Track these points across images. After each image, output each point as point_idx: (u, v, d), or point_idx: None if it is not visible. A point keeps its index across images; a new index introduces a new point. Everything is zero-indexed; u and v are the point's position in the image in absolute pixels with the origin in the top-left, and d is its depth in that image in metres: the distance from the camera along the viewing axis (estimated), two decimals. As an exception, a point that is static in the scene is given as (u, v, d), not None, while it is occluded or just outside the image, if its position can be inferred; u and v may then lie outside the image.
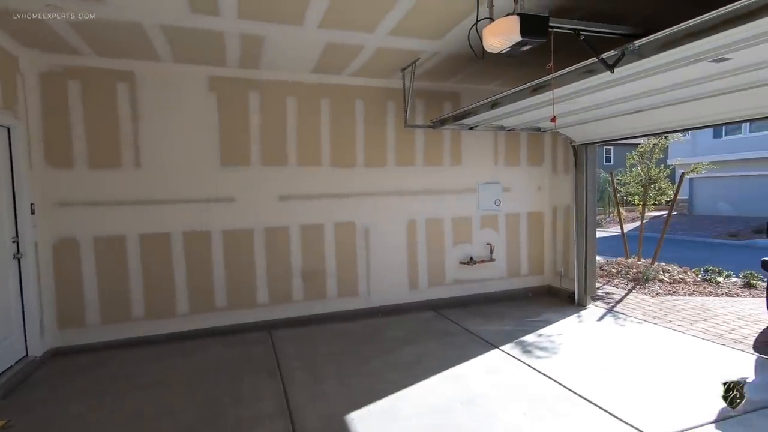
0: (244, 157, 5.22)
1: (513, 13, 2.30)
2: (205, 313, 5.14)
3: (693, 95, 3.84)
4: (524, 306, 6.24)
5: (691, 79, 3.33)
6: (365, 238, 5.83)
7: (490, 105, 4.17)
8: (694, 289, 7.29)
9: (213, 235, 5.14)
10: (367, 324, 5.52)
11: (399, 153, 5.94)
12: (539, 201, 6.84)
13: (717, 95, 3.76)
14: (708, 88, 3.59)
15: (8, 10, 3.40)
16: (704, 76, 3.24)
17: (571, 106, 4.39)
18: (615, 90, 3.64)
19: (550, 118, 3.80)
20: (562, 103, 4.19)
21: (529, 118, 4.98)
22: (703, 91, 3.69)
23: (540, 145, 6.79)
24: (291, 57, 4.75)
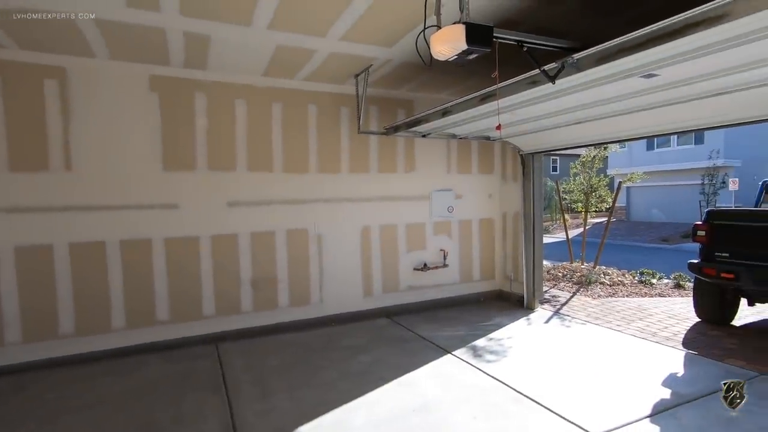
0: (189, 161, 4.97)
1: (459, 22, 2.34)
2: (144, 328, 4.80)
3: (628, 108, 4.10)
4: (477, 310, 6.36)
5: (624, 93, 3.56)
6: (318, 245, 5.72)
7: (441, 113, 4.23)
8: (631, 290, 7.76)
9: (154, 243, 4.83)
10: (320, 333, 5.40)
11: (353, 159, 5.90)
12: (490, 208, 7.03)
13: (649, 109, 4.04)
14: (641, 102, 3.85)
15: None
16: (636, 90, 3.47)
17: (517, 117, 4.56)
18: (557, 101, 3.81)
19: (495, 126, 3.92)
20: (508, 113, 4.34)
21: (478, 126, 5.12)
22: (637, 104, 3.96)
23: (490, 153, 7.00)
24: (240, 59, 4.59)
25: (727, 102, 3.66)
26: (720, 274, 4.76)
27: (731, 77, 3.07)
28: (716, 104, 3.70)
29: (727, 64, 2.84)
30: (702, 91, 3.43)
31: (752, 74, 3.00)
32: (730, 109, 3.85)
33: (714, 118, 4.05)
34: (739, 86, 3.30)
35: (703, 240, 5.07)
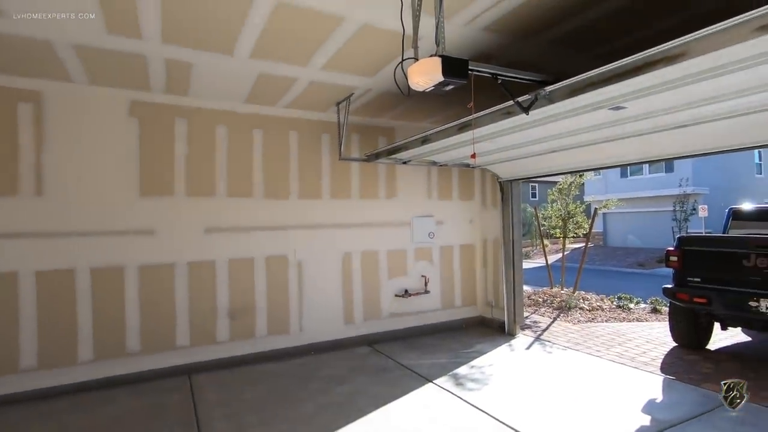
0: (166, 186, 4.90)
1: (436, 54, 2.43)
2: (113, 359, 4.59)
3: (599, 139, 4.27)
4: (458, 337, 6.31)
5: (595, 124, 3.71)
6: (298, 271, 5.64)
7: (420, 141, 4.31)
8: (610, 315, 7.85)
9: (127, 270, 4.68)
10: (299, 363, 5.24)
11: (334, 186, 5.91)
12: (471, 234, 7.10)
13: (618, 139, 4.21)
14: (611, 132, 4.01)
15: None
16: (606, 122, 3.62)
17: (496, 145, 4.68)
18: (532, 131, 3.94)
19: (470, 155, 4.01)
20: (486, 142, 4.46)
21: (458, 154, 5.23)
22: (607, 135, 4.12)
23: (470, 180, 7.13)
24: (222, 86, 4.63)
25: (688, 134, 3.85)
26: (693, 299, 4.88)
27: (689, 111, 3.24)
28: (679, 136, 3.89)
29: (686, 100, 3.00)
30: (665, 123, 3.61)
31: (707, 110, 3.18)
32: (691, 141, 4.04)
33: (675, 149, 4.25)
34: (697, 120, 3.49)
35: (675, 265, 5.21)
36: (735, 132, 3.76)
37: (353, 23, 3.26)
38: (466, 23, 3.23)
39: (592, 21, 3.33)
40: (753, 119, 3.40)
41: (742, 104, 3.13)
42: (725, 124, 3.56)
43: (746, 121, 3.46)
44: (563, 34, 3.50)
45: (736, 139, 3.80)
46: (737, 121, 3.48)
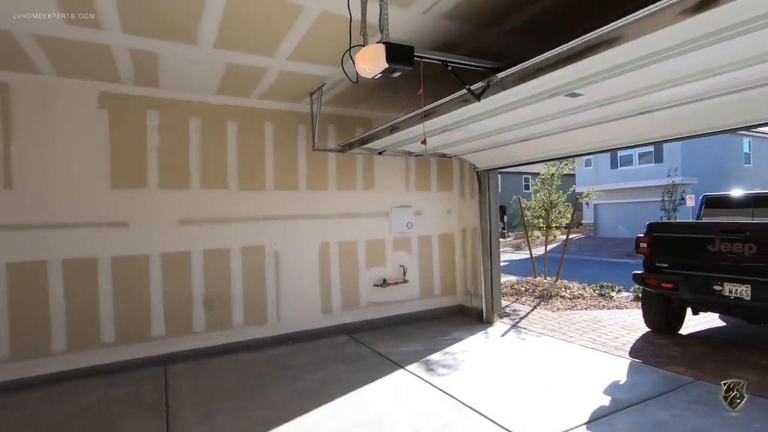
0: (139, 179, 4.90)
1: (380, 41, 2.45)
2: (87, 350, 4.62)
3: (565, 126, 4.32)
4: (436, 326, 6.39)
5: (556, 112, 3.75)
6: (275, 262, 5.68)
7: (389, 129, 4.35)
8: (591, 303, 7.96)
9: (101, 262, 4.70)
10: (276, 352, 5.30)
11: (311, 177, 5.94)
12: (450, 224, 7.16)
13: (584, 127, 4.26)
14: (576, 120, 4.06)
15: None
16: (566, 109, 3.66)
17: (464, 134, 4.73)
18: (495, 120, 3.98)
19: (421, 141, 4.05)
20: (454, 131, 4.50)
21: (429, 143, 5.26)
22: (573, 123, 4.17)
23: (449, 171, 7.17)
24: (192, 77, 4.62)
25: (653, 120, 3.90)
26: (661, 284, 4.97)
27: (647, 97, 3.29)
28: (643, 122, 3.94)
29: (641, 84, 3.05)
30: (626, 109, 3.65)
31: (665, 94, 3.23)
32: (657, 127, 4.10)
33: (642, 135, 4.31)
34: (659, 106, 3.54)
35: (645, 252, 5.29)
36: (699, 116, 3.81)
37: (312, 12, 3.27)
38: (424, 11, 3.25)
39: (551, 8, 3.35)
40: (715, 103, 3.45)
41: (698, 88, 3.18)
42: (688, 108, 3.61)
43: (709, 105, 3.51)
44: (522, 23, 3.53)
45: (700, 123, 3.85)
46: (699, 106, 3.53)
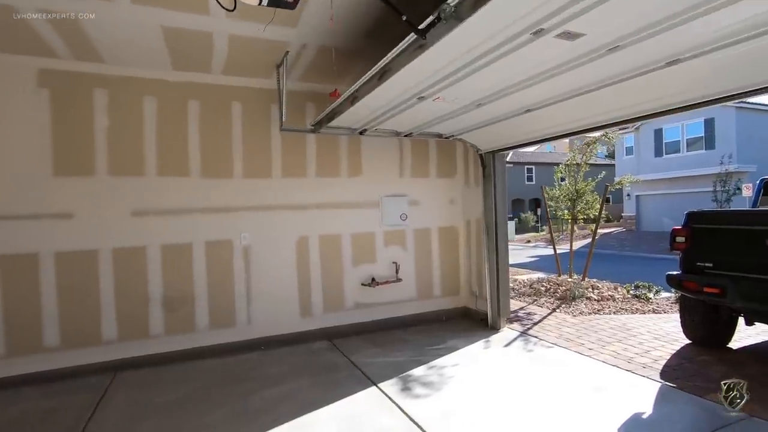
0: (86, 165, 4.41)
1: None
2: (28, 355, 4.19)
3: (575, 88, 3.40)
4: (433, 331, 5.59)
5: (552, 67, 2.87)
6: (245, 258, 5.07)
7: (350, 100, 3.60)
8: (622, 306, 6.88)
9: (42, 257, 4.25)
10: (242, 359, 4.70)
11: (286, 163, 5.28)
12: (452, 215, 6.31)
13: (601, 88, 3.33)
14: (585, 77, 3.15)
15: None
16: (565, 61, 2.78)
17: (451, 106, 3.89)
18: (480, 80, 3.13)
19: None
20: (444, 104, 3.68)
21: (416, 119, 4.46)
22: (583, 82, 3.26)
23: (451, 154, 6.32)
24: (134, 48, 4.05)
25: (682, 73, 2.93)
26: (703, 289, 3.94)
27: (670, 36, 2.36)
28: (671, 78, 2.98)
29: (656, 15, 2.14)
30: (645, 59, 2.72)
31: (693, 30, 2.29)
32: (689, 84, 3.11)
33: (670, 98, 3.32)
34: (686, 52, 2.59)
35: (683, 247, 4.26)
36: (743, 66, 2.83)
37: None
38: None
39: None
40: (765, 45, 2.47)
41: (741, 18, 2.24)
42: (729, 55, 2.65)
43: (757, 49, 2.54)
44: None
45: (746, 76, 2.85)
46: (744, 51, 2.57)
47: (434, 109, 4.06)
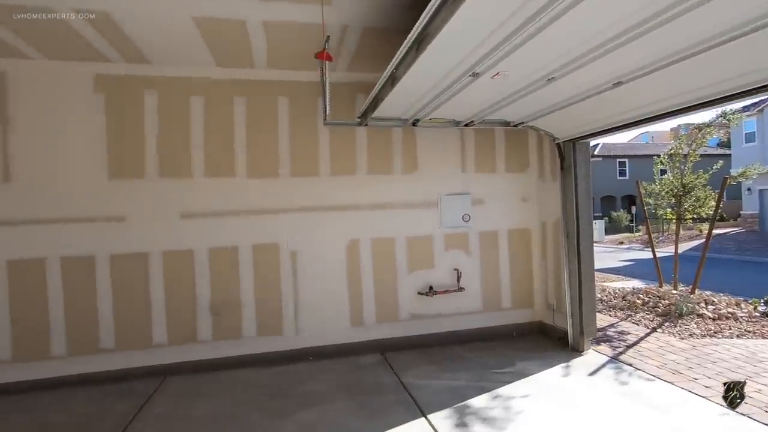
0: (137, 168, 4.42)
1: None
2: (86, 356, 4.28)
3: (682, 49, 2.53)
4: (500, 349, 4.84)
5: (664, 8, 2.07)
6: (293, 262, 4.78)
7: (390, 81, 3.07)
8: (747, 328, 5.51)
9: (98, 260, 4.32)
10: (285, 371, 4.41)
11: (335, 160, 4.90)
12: (524, 215, 5.48)
13: (713, 47, 2.43)
14: (692, 36, 2.29)
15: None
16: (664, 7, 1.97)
17: (517, 83, 3.18)
18: (554, 43, 2.42)
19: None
20: (506, 81, 3.01)
21: (468, 103, 3.79)
22: (690, 40, 2.39)
23: (522, 145, 5.49)
24: (171, 44, 3.92)
25: None
26: None
27: None
28: None
29: None
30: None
31: None
32: None
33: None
34: None
35: None
36: None
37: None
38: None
39: None
40: None
41: None
42: None
43: None
44: None
45: None
46: None
47: (494, 90, 3.38)
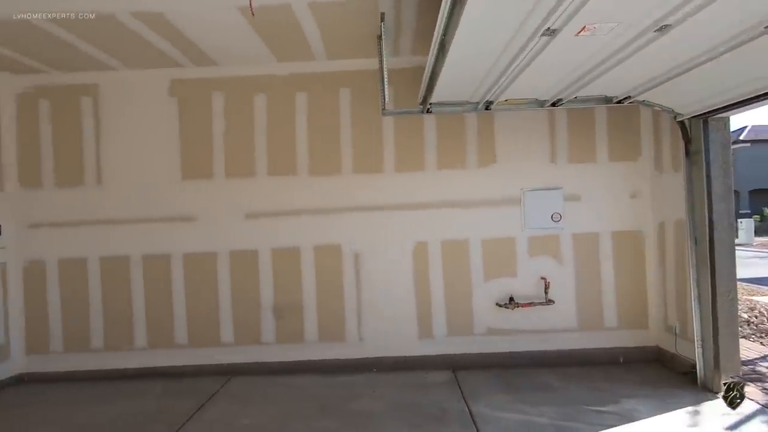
0: (206, 168, 4.50)
1: None
2: (163, 350, 4.48)
3: None
4: (600, 380, 3.94)
5: None
6: (355, 265, 4.48)
7: (440, 49, 2.52)
8: None
9: (173, 259, 4.49)
10: (344, 382, 4.10)
11: (401, 154, 4.47)
12: (635, 214, 4.44)
13: None
14: None
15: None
16: None
17: (617, 40, 2.40)
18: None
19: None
20: (596, 39, 2.28)
21: (549, 73, 3.04)
22: None
23: (631, 126, 4.45)
24: (227, 40, 3.85)
25: None
26: None
27: None
28: None
29: None
30: None
31: None
32: None
33: None
34: None
35: None
36: None
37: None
38: None
39: None
40: None
41: None
42: None
43: None
44: None
45: None
46: None
47: (582, 52, 2.62)
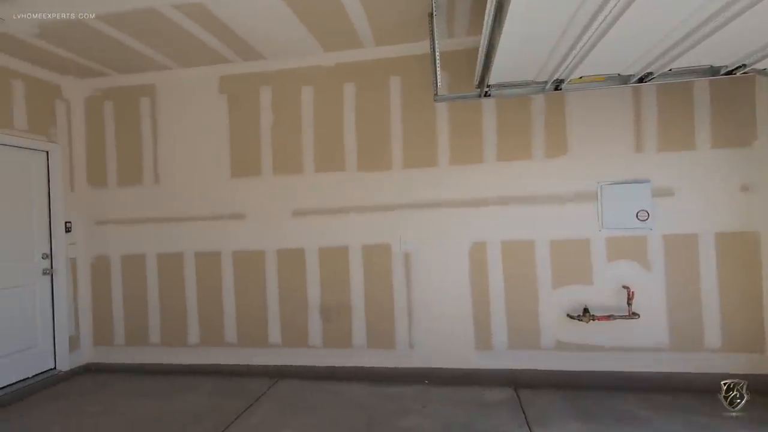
0: (254, 165, 4.42)
1: None
2: (214, 347, 4.48)
3: None
4: (699, 411, 3.24)
5: None
6: (406, 266, 4.14)
7: (495, 10, 2.08)
8: None
9: (223, 257, 4.47)
10: (392, 395, 3.79)
11: (457, 145, 4.05)
12: (746, 212, 3.63)
13: None
14: None
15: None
16: None
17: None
18: None
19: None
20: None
21: (631, 37, 2.45)
22: None
23: (744, 105, 3.63)
24: (270, 30, 3.68)
25: None
26: None
27: None
28: None
29: None
30: None
31: None
32: None
33: None
34: None
35: None
36: None
37: None
38: None
39: None
40: None
41: None
42: None
43: None
44: None
45: None
46: None
47: (680, 7, 2.04)
